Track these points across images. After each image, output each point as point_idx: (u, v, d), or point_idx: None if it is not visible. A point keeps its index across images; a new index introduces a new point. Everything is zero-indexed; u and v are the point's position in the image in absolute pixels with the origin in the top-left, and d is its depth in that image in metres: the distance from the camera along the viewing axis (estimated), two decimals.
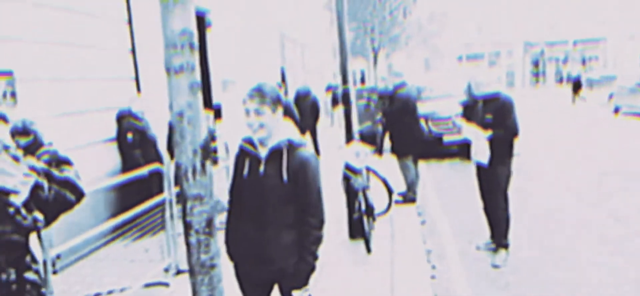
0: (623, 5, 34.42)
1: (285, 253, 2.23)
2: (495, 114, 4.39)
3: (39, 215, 1.45)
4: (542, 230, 5.31)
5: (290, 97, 11.65)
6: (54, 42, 5.01)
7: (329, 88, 20.35)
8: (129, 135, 5.56)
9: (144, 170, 4.71)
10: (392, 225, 5.55)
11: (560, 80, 39.37)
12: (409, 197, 6.52)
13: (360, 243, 4.99)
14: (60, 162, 1.63)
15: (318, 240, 2.24)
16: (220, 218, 5.72)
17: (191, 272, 1.45)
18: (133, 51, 6.56)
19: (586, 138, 11.93)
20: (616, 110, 17.43)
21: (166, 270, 4.41)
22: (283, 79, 15.74)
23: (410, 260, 4.53)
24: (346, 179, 5.15)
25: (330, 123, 18.91)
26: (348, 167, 4.98)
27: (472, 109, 8.97)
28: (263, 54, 13.56)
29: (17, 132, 2.58)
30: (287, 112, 5.74)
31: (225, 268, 2.42)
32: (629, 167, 8.12)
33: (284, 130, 2.24)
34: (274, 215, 2.21)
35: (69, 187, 1.56)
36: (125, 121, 5.68)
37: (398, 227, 5.49)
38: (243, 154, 2.28)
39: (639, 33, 33.93)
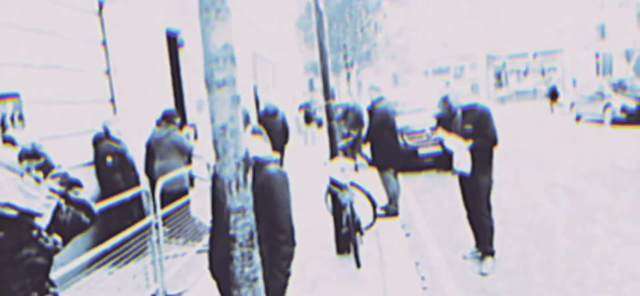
0: (577, 17, 36.05)
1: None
2: (474, 124, 4.50)
3: (57, 238, 1.41)
4: (524, 236, 5.44)
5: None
6: (26, 64, 4.85)
7: (301, 106, 20.37)
8: (109, 159, 5.42)
9: (126, 194, 4.60)
10: (379, 238, 5.58)
11: (523, 93, 40.77)
12: (391, 210, 6.57)
13: (348, 258, 4.99)
14: (72, 184, 1.59)
15: (288, 255, 2.28)
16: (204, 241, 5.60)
17: (235, 285, 1.42)
18: (108, 72, 6.43)
19: (552, 146, 12.36)
20: (578, 118, 18.17)
21: None
22: (256, 98, 15.71)
23: (400, 272, 4.56)
24: (332, 194, 5.17)
25: (304, 141, 18.77)
26: (334, 182, 4.99)
27: (446, 121, 9.16)
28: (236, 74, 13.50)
29: (26, 155, 2.48)
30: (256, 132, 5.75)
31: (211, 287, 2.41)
32: (597, 168, 8.45)
33: (252, 147, 2.28)
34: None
35: (85, 209, 1.52)
36: (103, 144, 5.53)
37: (384, 241, 5.52)
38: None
39: (593, 43, 35.53)
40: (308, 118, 18.84)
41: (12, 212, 1.30)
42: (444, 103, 9.22)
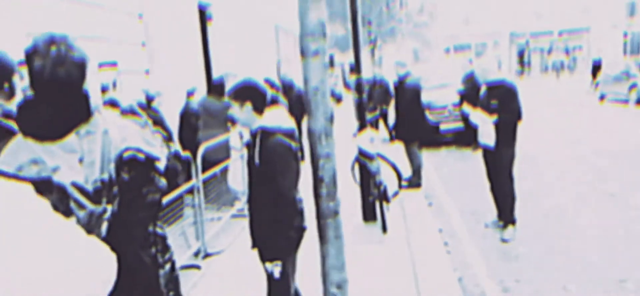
0: None
1: (260, 231, 2.52)
2: (500, 99, 4.64)
3: (164, 181, 1.70)
4: (547, 208, 5.63)
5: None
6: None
7: None
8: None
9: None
10: (403, 207, 5.83)
11: (546, 70, 40.16)
12: (414, 182, 6.80)
13: (374, 225, 5.27)
14: (168, 138, 1.88)
15: (287, 218, 2.40)
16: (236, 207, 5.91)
17: (320, 216, 1.71)
18: (144, 44, 6.72)
19: (575, 123, 12.37)
20: (602, 97, 17.97)
21: (196, 254, 4.63)
22: (278, 73, 15.88)
23: (424, 237, 4.82)
24: (359, 164, 5.42)
25: None
26: (362, 153, 5.24)
27: (470, 98, 9.27)
28: (260, 47, 13.72)
29: (126, 115, 2.79)
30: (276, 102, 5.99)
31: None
32: (619, 148, 8.53)
33: (263, 118, 2.46)
34: (254, 195, 2.52)
35: (179, 160, 1.81)
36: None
37: (408, 209, 5.77)
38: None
39: (621, 22, 34.69)
40: None
41: (141, 156, 1.59)
42: (468, 80, 9.33)
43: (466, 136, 9.76)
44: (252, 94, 2.45)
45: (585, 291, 3.64)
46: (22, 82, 2.37)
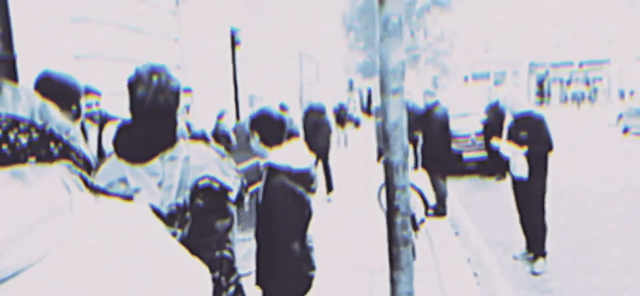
0: (628, 27, 34.97)
1: (262, 271, 2.39)
2: (530, 131, 4.69)
3: (234, 208, 1.81)
4: (575, 241, 5.61)
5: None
6: (108, 57, 5.39)
7: (335, 109, 17.85)
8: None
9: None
10: (429, 236, 5.86)
11: (565, 100, 39.88)
12: (440, 210, 6.83)
13: None
14: None
15: (283, 266, 2.24)
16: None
17: (394, 243, 1.79)
18: (179, 67, 6.95)
19: (601, 157, 12.25)
20: (625, 130, 17.77)
21: None
22: (300, 97, 16.08)
23: (453, 265, 4.83)
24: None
25: (336, 144, 16.88)
26: None
27: (493, 127, 9.28)
28: (284, 72, 13.98)
29: (196, 139, 2.91)
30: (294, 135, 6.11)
31: None
32: None
33: (274, 152, 2.30)
34: (258, 233, 2.37)
35: (245, 190, 1.93)
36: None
37: (435, 238, 5.80)
38: None
39: None
40: (340, 119, 17.27)
41: (216, 185, 1.69)
42: (492, 110, 9.39)
43: (489, 165, 9.77)
44: (261, 125, 2.30)
45: None
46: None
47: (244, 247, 5.44)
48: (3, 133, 0.66)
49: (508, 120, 5.19)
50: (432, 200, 6.92)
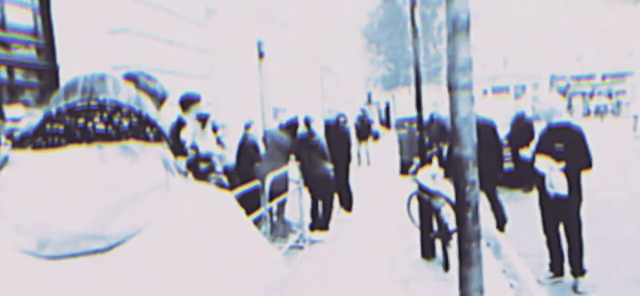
0: None
1: None
2: (568, 144, 4.37)
3: None
4: (611, 252, 5.48)
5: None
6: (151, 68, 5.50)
7: (355, 124, 15.60)
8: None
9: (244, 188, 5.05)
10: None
11: (588, 113, 39.24)
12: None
13: (434, 263, 5.25)
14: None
15: None
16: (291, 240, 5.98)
17: (465, 239, 1.80)
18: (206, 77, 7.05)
19: (630, 170, 12.00)
20: None
21: None
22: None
23: (488, 277, 4.75)
24: (420, 201, 5.45)
25: (356, 162, 14.82)
26: (423, 189, 5.28)
27: (516, 139, 9.13)
28: (306, 84, 14.08)
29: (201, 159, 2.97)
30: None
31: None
32: None
33: None
34: None
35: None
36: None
37: None
38: None
39: None
40: (360, 133, 15.13)
41: None
42: (518, 121, 9.29)
43: (517, 177, 9.63)
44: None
45: None
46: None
47: None
48: (108, 116, 0.74)
49: (540, 129, 4.93)
50: None
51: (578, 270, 4.54)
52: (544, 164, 4.48)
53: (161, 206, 0.71)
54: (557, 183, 4.40)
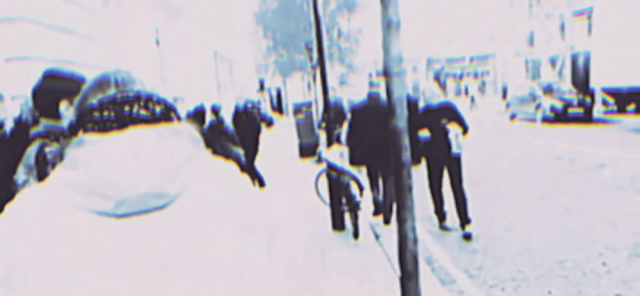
0: (508, 25, 39.06)
1: None
2: (451, 118, 5.48)
3: None
4: (484, 208, 6.46)
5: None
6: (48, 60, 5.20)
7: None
8: None
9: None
10: (364, 217, 6.39)
11: (459, 93, 43.53)
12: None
13: (344, 234, 5.75)
14: None
15: None
16: None
17: (401, 190, 2.16)
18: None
19: (495, 139, 13.82)
20: (512, 117, 20.05)
21: None
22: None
23: (393, 241, 5.37)
24: (328, 178, 5.90)
25: None
26: (332, 167, 5.73)
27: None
28: (201, 72, 13.87)
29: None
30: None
31: None
32: (542, 158, 9.79)
33: None
34: None
35: None
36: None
37: (370, 218, 6.33)
38: None
39: (523, 50, 38.67)
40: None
41: None
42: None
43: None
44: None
45: (533, 271, 4.38)
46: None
47: None
48: (144, 104, 0.95)
49: (422, 108, 5.78)
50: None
51: (465, 220, 5.46)
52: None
53: (194, 174, 0.94)
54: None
